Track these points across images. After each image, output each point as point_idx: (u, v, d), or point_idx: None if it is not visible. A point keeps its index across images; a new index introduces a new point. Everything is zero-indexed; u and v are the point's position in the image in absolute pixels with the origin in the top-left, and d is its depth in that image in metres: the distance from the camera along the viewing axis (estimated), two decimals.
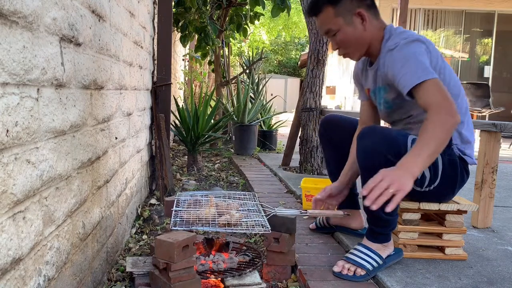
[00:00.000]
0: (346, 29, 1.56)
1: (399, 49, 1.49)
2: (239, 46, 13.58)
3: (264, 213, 1.64)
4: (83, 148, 1.36)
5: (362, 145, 1.52)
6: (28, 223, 0.95)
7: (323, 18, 1.59)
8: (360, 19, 1.56)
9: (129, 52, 2.12)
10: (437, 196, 1.65)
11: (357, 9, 1.55)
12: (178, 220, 1.54)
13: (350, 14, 1.55)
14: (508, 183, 3.44)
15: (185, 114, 4.00)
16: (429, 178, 1.56)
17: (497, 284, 1.49)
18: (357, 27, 1.56)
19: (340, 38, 1.57)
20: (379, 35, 1.60)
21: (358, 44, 1.59)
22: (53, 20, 1.08)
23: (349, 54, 1.63)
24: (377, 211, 1.44)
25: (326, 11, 1.57)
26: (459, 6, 9.39)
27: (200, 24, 4.97)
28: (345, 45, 1.59)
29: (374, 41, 1.60)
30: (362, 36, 1.57)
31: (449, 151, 1.60)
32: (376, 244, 1.57)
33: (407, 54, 1.46)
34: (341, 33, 1.57)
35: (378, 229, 1.57)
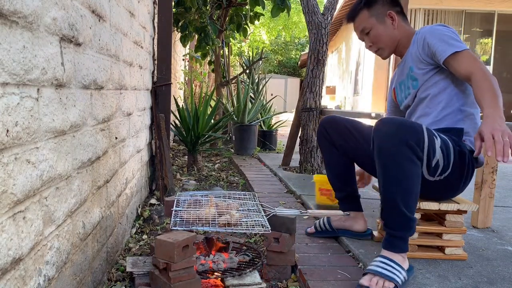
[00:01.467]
0: (379, 27, 1.80)
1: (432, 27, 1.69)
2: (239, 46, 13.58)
3: (264, 213, 1.64)
4: (83, 148, 1.36)
5: (381, 132, 1.49)
6: (28, 223, 0.95)
7: (359, 20, 1.84)
8: (391, 19, 1.79)
9: (129, 52, 2.12)
10: (446, 188, 1.64)
11: (388, 11, 1.79)
12: (178, 220, 1.54)
13: (382, 15, 1.80)
14: (508, 183, 3.44)
15: (185, 114, 4.00)
16: (442, 166, 1.55)
17: (497, 284, 1.49)
18: (388, 25, 1.79)
19: (373, 34, 1.81)
20: (409, 35, 1.80)
21: (388, 41, 1.81)
22: (53, 20, 1.08)
23: (380, 50, 1.85)
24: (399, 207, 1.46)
25: (362, 14, 1.83)
26: (459, 6, 9.39)
27: (200, 24, 4.97)
28: (377, 41, 1.82)
29: (404, 40, 1.80)
30: (392, 34, 1.80)
31: (459, 142, 1.61)
32: (397, 256, 1.49)
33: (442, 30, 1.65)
34: (374, 30, 1.81)
35: (398, 232, 1.49)
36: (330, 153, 1.94)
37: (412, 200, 1.49)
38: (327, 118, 1.96)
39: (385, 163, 1.49)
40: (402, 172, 1.45)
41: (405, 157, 1.44)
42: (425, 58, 1.67)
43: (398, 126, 1.47)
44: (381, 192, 1.52)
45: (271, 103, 6.10)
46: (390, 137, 1.46)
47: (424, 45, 1.67)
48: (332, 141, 1.92)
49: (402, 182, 1.46)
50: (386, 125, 1.49)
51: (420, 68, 1.71)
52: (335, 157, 1.93)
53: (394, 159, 1.45)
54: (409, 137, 1.45)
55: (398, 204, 1.46)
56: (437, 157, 1.52)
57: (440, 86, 1.68)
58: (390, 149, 1.46)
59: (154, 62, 3.04)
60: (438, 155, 1.52)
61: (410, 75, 1.76)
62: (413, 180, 1.47)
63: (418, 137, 1.47)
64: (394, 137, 1.45)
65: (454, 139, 1.61)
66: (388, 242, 1.51)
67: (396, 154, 1.44)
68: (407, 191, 1.47)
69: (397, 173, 1.45)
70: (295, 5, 13.86)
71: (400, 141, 1.44)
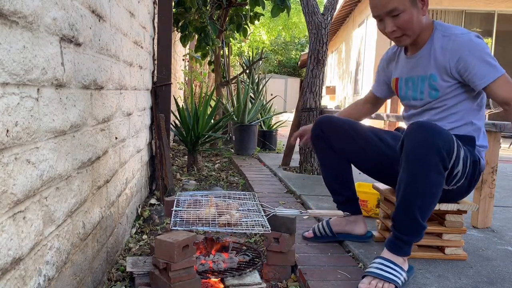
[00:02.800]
0: (412, 10, 1.56)
1: (469, 39, 1.55)
2: (239, 46, 13.59)
3: (264, 213, 1.64)
4: (83, 148, 1.36)
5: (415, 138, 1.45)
6: (28, 223, 0.95)
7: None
8: (422, 3, 1.58)
9: (129, 52, 2.12)
10: (456, 195, 1.65)
11: None
12: (178, 220, 1.53)
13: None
14: (508, 183, 3.44)
15: (185, 114, 4.00)
16: (459, 176, 1.54)
17: (497, 284, 1.49)
18: (419, 10, 1.58)
19: (404, 19, 1.57)
20: (430, 23, 1.65)
21: (416, 27, 1.60)
22: (53, 20, 1.08)
23: (404, 37, 1.62)
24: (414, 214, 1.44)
25: None
26: (459, 6, 9.39)
27: (200, 24, 4.97)
28: (405, 27, 1.59)
29: (425, 29, 1.64)
30: (421, 20, 1.60)
31: (473, 152, 1.60)
32: (398, 258, 1.48)
33: (481, 47, 1.54)
34: (406, 14, 1.56)
35: (406, 237, 1.48)
36: (326, 154, 1.86)
37: (429, 210, 1.47)
38: (323, 118, 1.86)
39: (412, 169, 1.44)
40: (427, 182, 1.42)
41: (433, 166, 1.41)
42: (455, 73, 1.58)
43: (432, 134, 1.42)
44: (400, 196, 1.48)
45: (271, 103, 6.10)
46: (424, 144, 1.41)
47: (460, 61, 1.55)
48: (329, 142, 1.83)
49: (425, 191, 1.43)
50: (420, 131, 1.44)
51: (445, 80, 1.61)
52: (332, 159, 1.85)
53: (423, 167, 1.41)
54: (442, 146, 1.41)
55: (414, 211, 1.44)
56: (459, 168, 1.51)
57: (458, 98, 1.63)
58: (420, 157, 1.42)
59: (154, 62, 3.04)
60: (460, 166, 1.51)
61: (430, 83, 1.65)
62: (437, 191, 1.45)
63: (449, 146, 1.44)
64: (427, 145, 1.41)
65: (469, 149, 1.59)
66: (393, 244, 1.50)
67: (425, 163, 1.41)
68: (428, 200, 1.45)
69: (422, 182, 1.42)
70: (295, 5, 13.86)
71: (432, 150, 1.40)
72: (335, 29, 14.52)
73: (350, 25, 13.24)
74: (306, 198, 2.64)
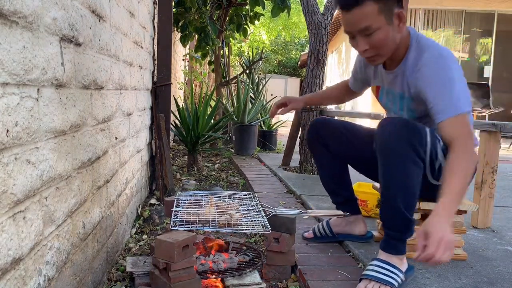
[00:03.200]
0: (387, 28, 1.42)
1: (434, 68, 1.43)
2: (239, 46, 13.58)
3: (264, 213, 1.64)
4: (83, 148, 1.36)
5: (385, 132, 1.46)
6: (28, 223, 0.95)
7: (363, 12, 1.40)
8: (399, 20, 1.44)
9: (129, 52, 2.12)
10: None
11: (397, 8, 1.42)
12: (178, 220, 1.54)
13: (391, 13, 1.42)
14: (508, 183, 3.44)
15: (185, 114, 4.00)
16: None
17: (497, 284, 1.49)
18: (395, 28, 1.44)
19: (379, 37, 1.43)
20: (406, 39, 1.52)
21: (391, 46, 1.48)
22: (53, 20, 1.08)
23: (377, 57, 1.51)
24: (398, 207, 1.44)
25: (368, 5, 1.39)
26: (459, 6, 9.39)
27: (200, 24, 4.97)
28: (379, 46, 1.45)
29: (401, 46, 1.51)
30: (397, 38, 1.47)
31: None
32: (394, 258, 1.48)
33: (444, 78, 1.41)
34: (380, 33, 1.42)
35: (396, 233, 1.48)
36: (322, 155, 1.87)
37: (412, 201, 1.48)
38: (319, 120, 1.87)
39: (387, 163, 1.46)
40: (404, 173, 1.43)
41: (407, 157, 1.42)
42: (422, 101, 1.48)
43: (402, 126, 1.44)
44: (382, 192, 1.51)
45: (271, 103, 6.10)
46: (393, 136, 1.43)
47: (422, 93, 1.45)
48: (325, 143, 1.83)
49: (403, 182, 1.44)
50: (390, 125, 1.46)
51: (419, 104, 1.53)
52: (328, 160, 1.86)
53: (397, 159, 1.43)
54: (413, 137, 1.42)
55: (398, 205, 1.45)
56: (440, 160, 1.50)
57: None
58: (393, 149, 1.43)
59: (154, 62, 3.04)
60: (441, 158, 1.50)
61: (408, 105, 1.59)
62: (414, 181, 1.45)
63: (421, 138, 1.45)
64: (398, 137, 1.42)
65: None
66: (386, 243, 1.51)
67: (399, 154, 1.42)
68: (409, 191, 1.45)
69: (399, 173, 1.43)
70: (295, 5, 13.85)
71: (403, 141, 1.41)
72: (335, 29, 14.51)
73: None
74: (306, 198, 2.64)
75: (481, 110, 6.35)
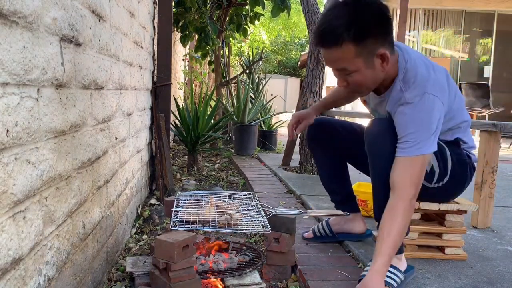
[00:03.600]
0: (365, 71, 1.37)
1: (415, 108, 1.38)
2: (239, 46, 13.58)
3: (264, 213, 1.64)
4: (83, 148, 1.36)
5: (372, 132, 1.48)
6: (28, 223, 0.95)
7: (339, 54, 1.35)
8: (381, 60, 1.37)
9: (129, 52, 2.12)
10: (445, 194, 1.64)
11: (380, 49, 1.35)
12: (178, 220, 1.54)
13: (371, 55, 1.35)
14: (508, 183, 3.44)
15: (185, 114, 4.00)
16: (438, 173, 1.53)
17: (497, 284, 1.49)
18: (376, 68, 1.38)
19: (356, 79, 1.39)
20: (393, 71, 1.45)
21: (372, 85, 1.45)
22: (53, 20, 1.08)
23: (357, 93, 1.54)
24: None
25: (345, 48, 1.33)
26: (459, 6, 9.38)
27: (200, 24, 4.97)
28: (358, 86, 1.43)
29: (387, 78, 1.47)
30: (379, 77, 1.42)
31: (458, 151, 1.59)
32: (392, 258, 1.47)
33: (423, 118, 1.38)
34: (358, 75, 1.38)
35: None
36: (322, 155, 1.89)
37: None
38: (318, 120, 1.88)
39: (375, 164, 1.49)
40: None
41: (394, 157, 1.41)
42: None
43: (388, 126, 1.45)
44: (373, 193, 1.52)
45: (271, 103, 6.10)
46: (380, 137, 1.45)
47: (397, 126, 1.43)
48: (323, 143, 1.86)
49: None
50: (377, 125, 1.48)
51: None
52: (328, 160, 1.88)
53: (384, 160, 1.43)
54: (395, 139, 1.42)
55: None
56: (431, 163, 1.50)
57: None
58: (380, 150, 1.45)
59: (154, 62, 3.04)
60: (433, 161, 1.50)
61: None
62: None
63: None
64: (384, 139, 1.43)
65: (452, 148, 1.58)
66: None
67: (387, 155, 1.42)
68: None
69: (387, 173, 1.42)
70: (295, 5, 13.84)
71: (390, 142, 1.42)
72: None
73: None
74: (306, 198, 2.64)
75: (481, 110, 6.35)
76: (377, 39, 1.34)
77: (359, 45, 1.32)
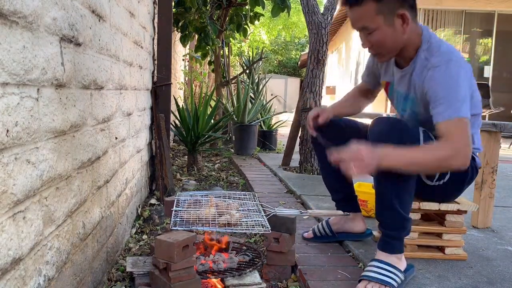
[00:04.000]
0: (385, 29, 1.43)
1: (443, 71, 1.41)
2: (239, 46, 13.58)
3: (264, 213, 1.64)
4: (83, 148, 1.36)
5: (376, 131, 1.48)
6: (28, 223, 0.95)
7: (361, 12, 1.43)
8: (402, 21, 1.43)
9: (129, 52, 2.12)
10: (445, 193, 1.64)
11: (401, 9, 1.41)
12: (178, 220, 1.54)
13: (392, 14, 1.41)
14: (508, 183, 3.44)
15: (185, 114, 4.00)
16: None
17: (497, 284, 1.49)
18: (396, 29, 1.43)
19: (377, 38, 1.45)
20: (416, 40, 1.50)
21: (393, 46, 1.49)
22: (53, 20, 1.08)
23: (380, 55, 1.54)
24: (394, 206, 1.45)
25: (367, 5, 1.41)
26: (459, 6, 9.39)
27: (200, 24, 4.97)
28: (379, 46, 1.48)
29: (409, 46, 1.50)
30: (400, 39, 1.46)
31: None
32: (392, 257, 1.48)
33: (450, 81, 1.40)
34: (378, 33, 1.44)
35: (393, 232, 1.49)
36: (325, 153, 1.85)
37: (406, 199, 1.49)
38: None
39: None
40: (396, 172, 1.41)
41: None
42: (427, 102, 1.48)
43: (392, 126, 1.45)
44: (376, 191, 1.52)
45: (271, 103, 6.10)
46: (384, 136, 1.44)
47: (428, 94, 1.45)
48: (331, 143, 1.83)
49: (397, 180, 1.44)
50: (381, 125, 1.48)
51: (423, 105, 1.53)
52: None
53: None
54: (403, 137, 1.42)
55: (393, 203, 1.46)
56: None
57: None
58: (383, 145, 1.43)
59: (154, 62, 3.04)
60: None
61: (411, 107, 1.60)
62: (408, 180, 1.46)
63: (413, 138, 1.46)
64: (388, 137, 1.42)
65: None
66: (384, 242, 1.52)
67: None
68: (402, 190, 1.46)
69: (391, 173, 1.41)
70: (295, 5, 13.85)
71: (394, 141, 1.40)
72: (335, 29, 14.50)
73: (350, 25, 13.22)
74: (306, 198, 2.64)
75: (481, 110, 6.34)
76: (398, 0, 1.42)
77: (379, 2, 1.40)
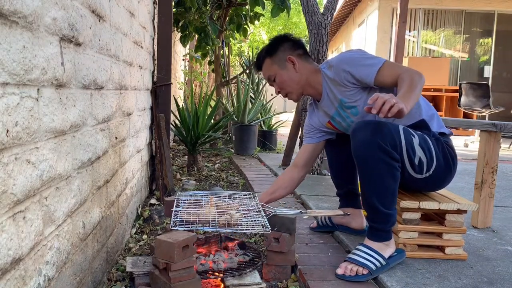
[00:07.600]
0: (282, 73, 1.80)
1: (342, 57, 1.72)
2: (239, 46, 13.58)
3: (264, 213, 1.64)
4: (83, 148, 1.36)
5: (356, 138, 1.56)
6: (28, 223, 0.95)
7: (264, 68, 1.86)
8: (291, 63, 1.79)
9: (129, 52, 2.12)
10: (439, 180, 1.70)
11: (288, 55, 1.79)
12: (178, 220, 1.54)
13: (283, 60, 1.80)
14: (508, 183, 3.44)
15: (185, 114, 4.00)
16: (427, 162, 1.61)
17: (497, 284, 1.49)
18: (290, 70, 1.80)
19: (279, 80, 1.82)
20: (316, 75, 1.80)
21: (294, 84, 1.81)
22: (53, 20, 1.08)
23: (289, 95, 1.85)
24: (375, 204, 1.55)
25: (266, 62, 1.84)
26: (459, 6, 9.39)
27: (200, 24, 4.97)
28: (283, 86, 1.82)
29: (312, 81, 1.81)
30: (296, 77, 1.80)
31: (433, 133, 1.67)
32: (378, 244, 1.59)
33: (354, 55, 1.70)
34: (278, 77, 1.81)
35: (378, 225, 1.59)
36: (331, 152, 2.01)
37: (388, 198, 1.57)
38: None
39: (360, 167, 1.58)
40: (376, 175, 1.54)
41: (379, 160, 1.52)
42: (350, 85, 1.69)
43: (372, 131, 1.53)
44: (361, 192, 1.63)
45: (271, 103, 6.10)
46: (363, 143, 1.54)
47: (346, 75, 1.68)
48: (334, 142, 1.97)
49: (376, 184, 1.55)
50: (361, 131, 1.56)
51: (351, 95, 1.71)
52: (337, 156, 1.99)
53: (368, 163, 1.54)
54: (383, 140, 1.51)
55: (375, 203, 1.56)
56: (418, 155, 1.59)
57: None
58: (364, 154, 1.54)
59: (154, 62, 3.04)
60: (419, 152, 1.59)
61: (345, 106, 1.75)
62: (388, 181, 1.55)
63: (394, 139, 1.53)
64: (368, 144, 1.52)
65: (427, 132, 1.66)
66: (370, 232, 1.63)
67: (370, 159, 1.53)
68: (383, 191, 1.56)
69: (371, 177, 1.55)
70: (295, 5, 13.85)
71: (373, 146, 1.51)
72: (335, 29, 14.51)
73: (350, 25, 13.24)
74: (306, 198, 2.64)
75: (481, 110, 6.34)
76: (286, 50, 1.81)
77: (271, 57, 1.82)
